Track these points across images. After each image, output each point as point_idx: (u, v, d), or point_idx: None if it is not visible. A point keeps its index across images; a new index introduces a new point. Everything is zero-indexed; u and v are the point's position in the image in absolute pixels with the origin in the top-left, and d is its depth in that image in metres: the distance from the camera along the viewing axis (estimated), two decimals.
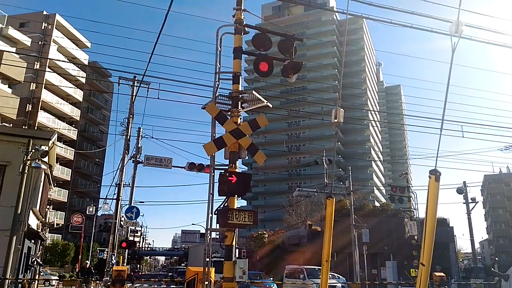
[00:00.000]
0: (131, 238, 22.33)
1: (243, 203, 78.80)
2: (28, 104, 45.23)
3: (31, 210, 19.18)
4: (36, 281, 21.47)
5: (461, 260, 62.26)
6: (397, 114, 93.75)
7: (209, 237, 7.79)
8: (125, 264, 20.60)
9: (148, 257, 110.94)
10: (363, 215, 30.77)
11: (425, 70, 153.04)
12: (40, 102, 46.83)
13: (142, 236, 77.76)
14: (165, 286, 33.96)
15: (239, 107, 8.44)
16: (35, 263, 22.51)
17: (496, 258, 11.21)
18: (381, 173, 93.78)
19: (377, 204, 53.60)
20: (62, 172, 48.75)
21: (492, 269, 8.69)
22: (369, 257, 30.26)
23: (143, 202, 65.89)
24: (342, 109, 7.88)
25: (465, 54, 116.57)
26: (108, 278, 16.94)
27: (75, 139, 52.53)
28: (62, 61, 46.81)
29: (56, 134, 24.54)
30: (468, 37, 10.73)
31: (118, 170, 21.14)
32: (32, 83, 44.48)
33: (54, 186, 35.11)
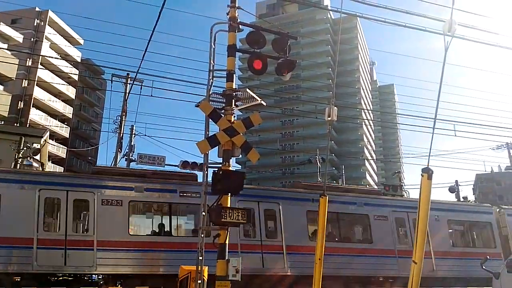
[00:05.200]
0: None
1: None
2: (20, 101, 44.75)
3: None
4: None
5: None
6: (390, 113, 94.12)
7: (203, 235, 7.77)
8: None
9: None
10: None
11: (418, 70, 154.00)
12: (32, 100, 46.35)
13: None
14: None
15: (233, 105, 8.42)
16: None
17: (488, 257, 11.34)
18: (374, 171, 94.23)
19: None
20: (55, 171, 48.36)
21: (483, 267, 8.76)
22: None
23: None
24: (335, 108, 7.92)
25: (458, 54, 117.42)
26: None
27: (68, 137, 52.10)
28: (55, 58, 46.32)
29: (48, 132, 24.43)
30: (461, 37, 10.80)
31: None
32: (24, 80, 44.03)
33: None
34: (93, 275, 11.44)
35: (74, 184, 11.63)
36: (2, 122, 34.45)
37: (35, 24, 48.49)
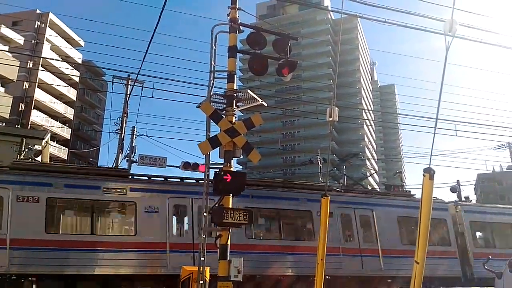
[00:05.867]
0: None
1: None
2: (21, 103, 44.84)
3: None
4: None
5: None
6: (391, 113, 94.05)
7: (205, 236, 7.77)
8: None
9: None
10: None
11: (419, 70, 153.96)
12: (33, 101, 46.44)
13: None
14: None
15: (234, 106, 8.43)
16: None
17: (490, 257, 11.36)
18: (375, 172, 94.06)
19: None
20: None
21: (485, 267, 8.78)
22: None
23: None
24: (336, 108, 7.92)
25: (459, 54, 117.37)
26: None
27: (69, 138, 52.16)
28: (56, 60, 46.40)
29: (50, 134, 24.44)
30: (461, 36, 10.80)
31: None
32: (25, 82, 44.10)
33: None
34: None
35: None
36: (3, 124, 34.51)
37: (36, 26, 48.58)
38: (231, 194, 7.85)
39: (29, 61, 44.41)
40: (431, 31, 10.75)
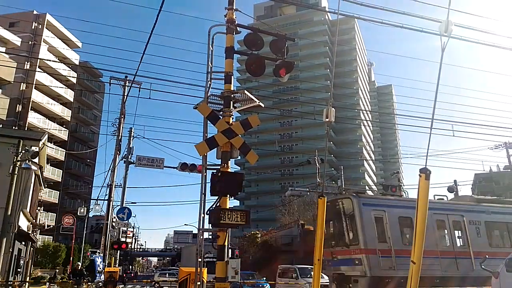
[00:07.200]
0: (123, 239, 22.23)
1: (236, 203, 78.70)
2: (18, 105, 44.72)
3: (21, 212, 19.02)
4: (27, 283, 21.26)
5: None
6: (389, 113, 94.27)
7: (202, 237, 7.77)
8: (117, 265, 20.55)
9: (140, 258, 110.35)
10: None
11: (416, 70, 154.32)
12: (31, 103, 46.31)
13: (134, 237, 77.39)
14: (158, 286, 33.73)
15: (231, 107, 8.43)
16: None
17: (487, 256, 11.36)
18: (373, 172, 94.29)
19: None
20: (53, 173, 48.21)
21: (482, 266, 8.80)
22: None
23: (135, 202, 65.11)
24: (333, 109, 7.92)
25: (455, 54, 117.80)
26: (100, 279, 16.88)
27: (66, 139, 52.03)
28: (53, 61, 46.31)
29: (47, 135, 24.35)
30: (457, 37, 10.84)
31: (110, 170, 21.04)
32: (22, 83, 43.99)
33: (44, 187, 34.76)
34: None
35: None
36: (0, 126, 34.40)
37: (33, 27, 48.46)
38: (228, 195, 7.85)
39: (26, 62, 44.27)
40: (427, 32, 10.79)
